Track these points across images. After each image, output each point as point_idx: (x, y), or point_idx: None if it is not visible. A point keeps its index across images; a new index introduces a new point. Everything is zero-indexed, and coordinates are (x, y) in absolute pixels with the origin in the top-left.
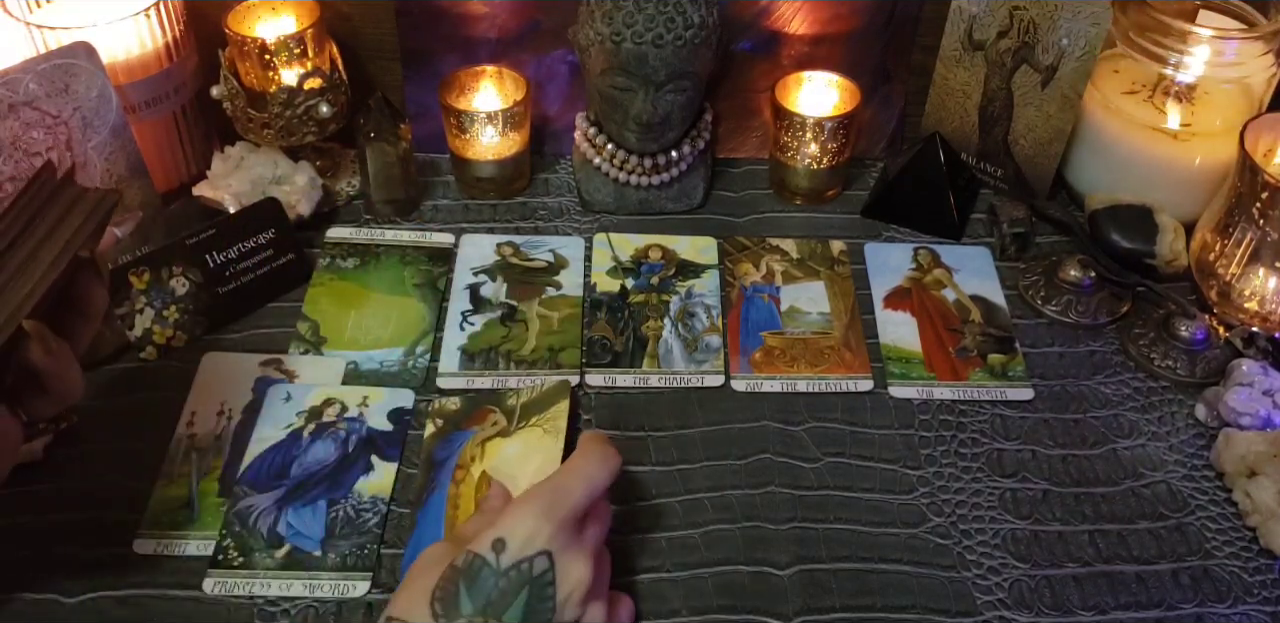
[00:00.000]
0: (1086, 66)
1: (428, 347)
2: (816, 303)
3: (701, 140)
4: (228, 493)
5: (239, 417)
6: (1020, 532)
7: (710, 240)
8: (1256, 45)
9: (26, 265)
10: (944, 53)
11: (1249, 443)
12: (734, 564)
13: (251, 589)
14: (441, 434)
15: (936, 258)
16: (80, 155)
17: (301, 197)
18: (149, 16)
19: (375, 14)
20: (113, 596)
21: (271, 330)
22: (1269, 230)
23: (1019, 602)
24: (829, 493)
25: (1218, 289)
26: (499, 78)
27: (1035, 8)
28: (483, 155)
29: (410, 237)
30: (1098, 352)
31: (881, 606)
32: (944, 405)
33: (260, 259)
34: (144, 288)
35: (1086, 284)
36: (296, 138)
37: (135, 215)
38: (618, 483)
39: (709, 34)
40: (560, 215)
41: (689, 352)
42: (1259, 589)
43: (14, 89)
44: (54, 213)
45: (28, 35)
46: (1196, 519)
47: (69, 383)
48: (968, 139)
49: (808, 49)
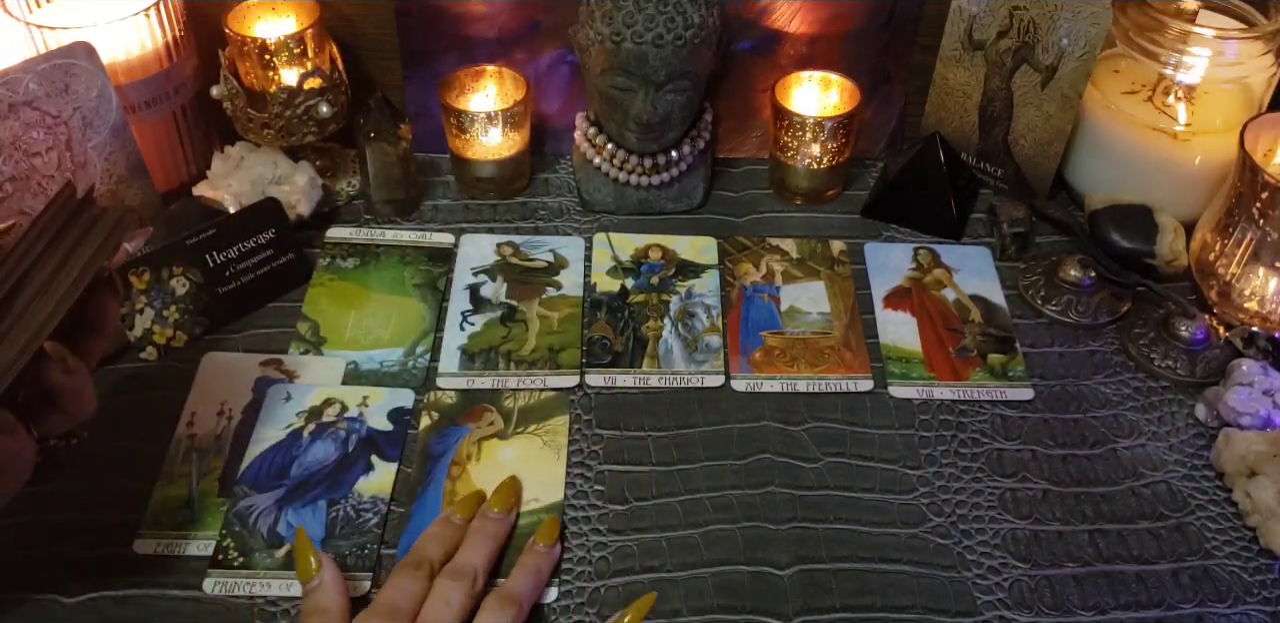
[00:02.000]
0: (1086, 66)
1: (428, 347)
2: (816, 303)
3: (701, 140)
4: (228, 493)
5: (239, 417)
6: (1020, 532)
7: (710, 240)
8: (1256, 45)
9: (48, 286)
10: (944, 53)
11: (1249, 443)
12: (734, 564)
13: (251, 589)
14: (437, 428)
15: (936, 258)
16: (80, 155)
17: (301, 197)
18: (149, 16)
19: (375, 14)
20: (113, 596)
21: (271, 330)
22: (1269, 230)
23: (1019, 602)
24: (829, 493)
25: (1218, 289)
26: (499, 78)
27: (1035, 8)
28: (483, 155)
29: (410, 237)
30: (1098, 352)
31: (881, 606)
32: (944, 405)
33: (260, 259)
34: (144, 288)
35: (1086, 284)
36: (296, 138)
37: (146, 231)
38: (618, 483)
39: (709, 34)
40: (560, 215)
41: (689, 352)
42: (1259, 589)
43: (14, 89)
44: (74, 233)
45: (28, 35)
46: (1196, 519)
47: (84, 401)
48: (968, 139)
49: (808, 49)
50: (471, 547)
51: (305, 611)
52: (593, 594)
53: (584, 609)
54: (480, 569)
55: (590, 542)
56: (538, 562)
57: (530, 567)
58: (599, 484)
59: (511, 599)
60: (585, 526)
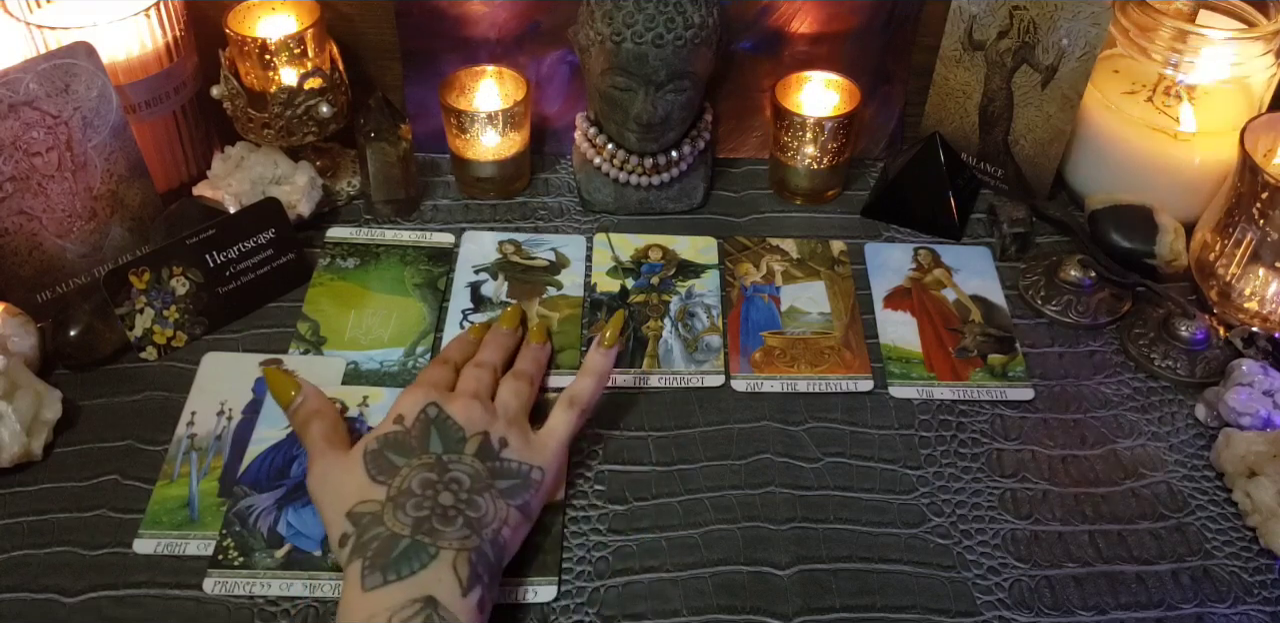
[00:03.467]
0: (1086, 66)
1: (428, 347)
2: (817, 303)
3: (701, 140)
4: (228, 493)
5: (239, 417)
6: (1020, 532)
7: (710, 240)
8: (1256, 45)
9: None
10: (944, 53)
11: (1249, 443)
12: (734, 564)
13: (251, 589)
14: None
15: (936, 258)
16: (80, 155)
17: (301, 197)
18: (149, 16)
19: (375, 14)
20: (113, 595)
21: (271, 330)
22: (1269, 230)
23: (1019, 602)
24: (829, 493)
25: (1218, 289)
26: (499, 78)
27: (1035, 8)
28: (483, 155)
29: (410, 237)
30: (1098, 352)
31: (881, 606)
32: (944, 405)
33: (260, 259)
34: (144, 288)
35: (1086, 284)
36: (296, 138)
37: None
38: (618, 483)
39: (709, 34)
40: (560, 215)
41: (689, 352)
42: (1259, 589)
43: (14, 89)
44: None
45: (28, 35)
46: (1196, 519)
47: None
48: (968, 139)
49: (808, 49)
50: (487, 348)
51: (300, 421)
52: (593, 594)
53: (584, 609)
54: (496, 366)
55: (590, 542)
56: (534, 353)
57: (530, 356)
58: (599, 484)
59: (526, 376)
60: (585, 525)
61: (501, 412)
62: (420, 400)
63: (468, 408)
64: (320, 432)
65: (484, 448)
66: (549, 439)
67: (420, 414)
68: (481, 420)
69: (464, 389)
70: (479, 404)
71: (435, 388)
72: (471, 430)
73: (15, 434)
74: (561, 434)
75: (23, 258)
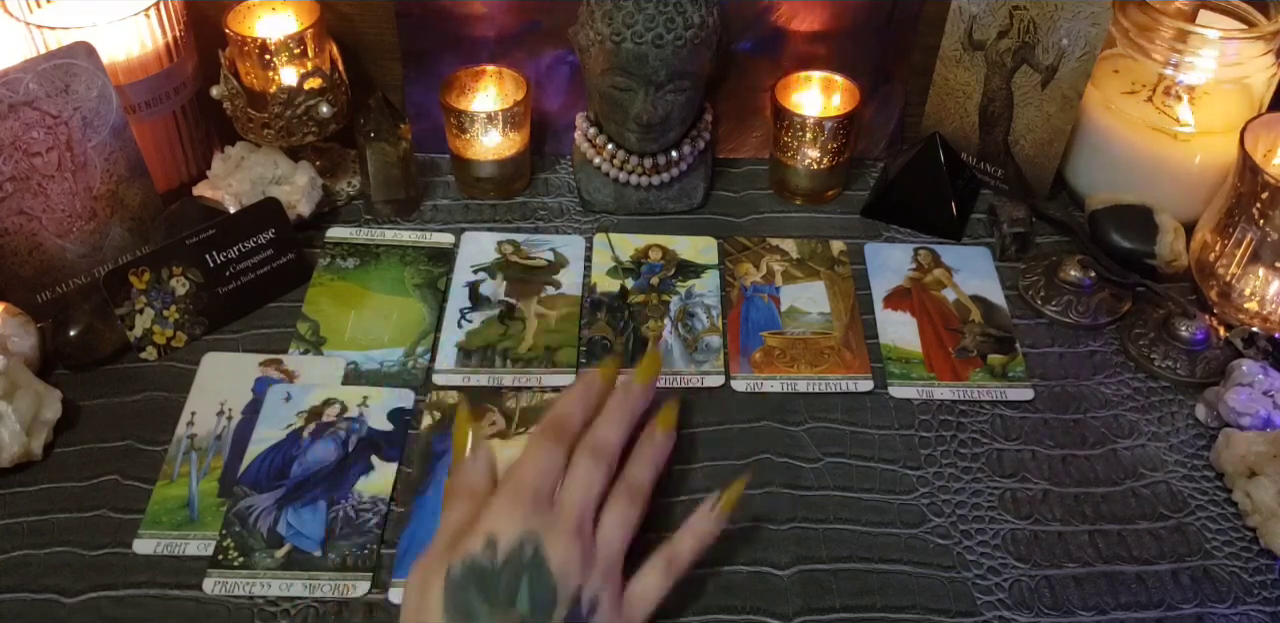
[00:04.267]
0: (1086, 66)
1: (428, 347)
2: (816, 303)
3: (701, 140)
4: (228, 493)
5: (239, 417)
6: (1020, 532)
7: (710, 240)
8: (1256, 45)
9: None
10: (944, 53)
11: (1249, 443)
12: (734, 564)
13: (251, 589)
14: (439, 427)
15: (936, 258)
16: (80, 155)
17: (301, 197)
18: (149, 16)
19: (375, 14)
20: (113, 596)
21: (271, 330)
22: (1269, 230)
23: (1019, 602)
24: (829, 493)
25: (1218, 289)
26: (499, 78)
27: (1035, 8)
28: (483, 155)
29: (410, 237)
30: (1098, 352)
31: (881, 606)
32: (944, 406)
33: (260, 259)
34: (144, 288)
35: (1086, 284)
36: (296, 138)
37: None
38: None
39: (709, 34)
40: (560, 215)
41: (689, 352)
42: (1259, 589)
43: (14, 89)
44: None
45: (28, 35)
46: (1196, 519)
47: None
48: (968, 139)
49: (808, 49)
50: (611, 422)
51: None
52: None
53: None
54: (618, 448)
55: None
56: (656, 451)
57: (650, 457)
58: None
59: (641, 493)
60: None
61: (602, 554)
62: (519, 527)
63: (567, 551)
64: (458, 522)
65: (572, 615)
66: (639, 606)
67: (516, 550)
68: (578, 573)
69: (569, 512)
70: (579, 546)
71: (538, 505)
72: (565, 587)
73: (15, 434)
74: (652, 602)
75: (23, 258)
